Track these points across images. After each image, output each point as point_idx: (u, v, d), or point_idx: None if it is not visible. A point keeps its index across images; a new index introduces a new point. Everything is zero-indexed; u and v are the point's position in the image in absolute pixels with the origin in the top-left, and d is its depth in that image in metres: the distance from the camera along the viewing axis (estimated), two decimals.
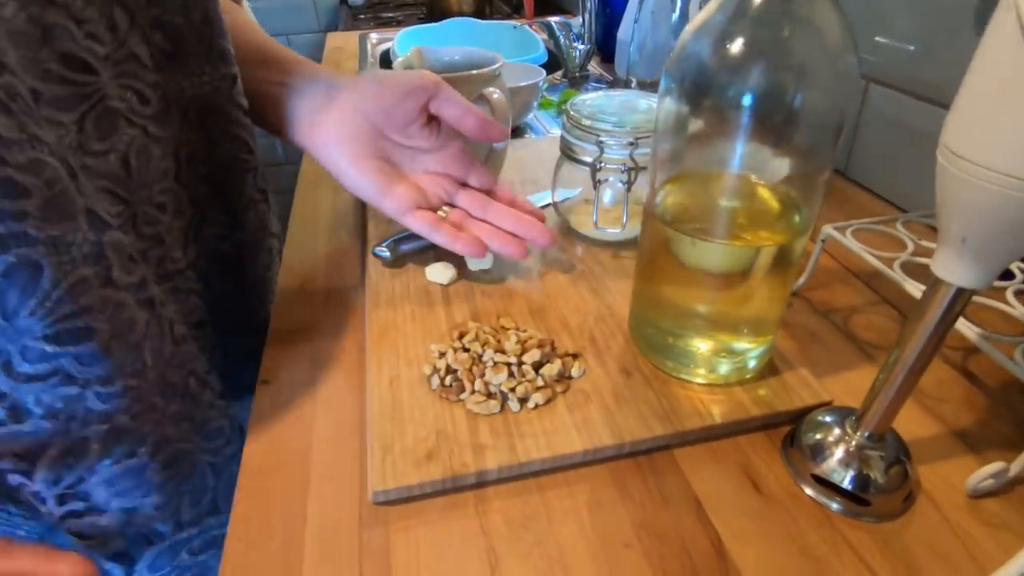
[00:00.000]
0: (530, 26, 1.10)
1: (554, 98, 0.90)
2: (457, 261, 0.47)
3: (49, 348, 0.28)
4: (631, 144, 0.44)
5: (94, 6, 0.30)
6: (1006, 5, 0.18)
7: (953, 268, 0.24)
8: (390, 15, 1.60)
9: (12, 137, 0.25)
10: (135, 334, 0.31)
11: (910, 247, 0.42)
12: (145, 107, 0.34)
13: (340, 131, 0.42)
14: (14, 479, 0.31)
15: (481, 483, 0.32)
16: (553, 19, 1.15)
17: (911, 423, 0.36)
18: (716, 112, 0.32)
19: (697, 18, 0.30)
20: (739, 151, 0.31)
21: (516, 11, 1.52)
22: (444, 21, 1.08)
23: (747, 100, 0.29)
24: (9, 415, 0.29)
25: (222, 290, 0.43)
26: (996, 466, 0.31)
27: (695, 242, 0.33)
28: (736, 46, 0.29)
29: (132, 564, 0.37)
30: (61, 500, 0.32)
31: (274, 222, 0.50)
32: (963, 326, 0.35)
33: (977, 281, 0.24)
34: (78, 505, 0.32)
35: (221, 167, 0.42)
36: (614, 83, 0.96)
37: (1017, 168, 0.20)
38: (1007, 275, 0.41)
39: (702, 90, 0.31)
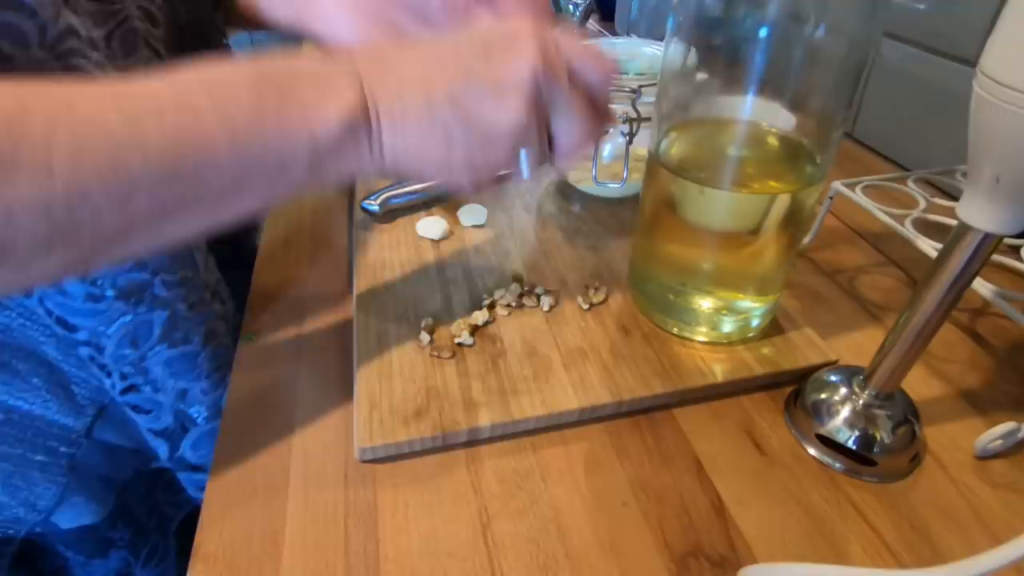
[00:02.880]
0: None
1: None
2: (449, 216, 0.45)
3: None
4: (633, 92, 0.41)
5: None
6: None
7: (983, 212, 0.22)
8: None
9: (84, 35, 0.27)
10: None
11: (922, 204, 0.40)
12: (156, 29, 0.34)
13: None
14: (84, 351, 0.33)
15: (473, 441, 0.31)
16: None
17: (917, 384, 0.34)
18: (728, 52, 0.29)
19: None
20: (752, 95, 0.29)
21: None
22: None
23: (764, 32, 0.26)
24: (87, 296, 0.31)
25: None
26: (1007, 427, 0.30)
27: (703, 191, 0.31)
28: None
29: (177, 443, 0.38)
30: (123, 376, 0.35)
31: None
32: (977, 283, 0.34)
33: (1008, 226, 0.22)
34: (138, 379, 0.35)
35: None
36: None
37: None
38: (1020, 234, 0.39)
39: (714, 26, 0.29)
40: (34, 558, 0.38)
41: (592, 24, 1.01)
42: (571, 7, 0.97)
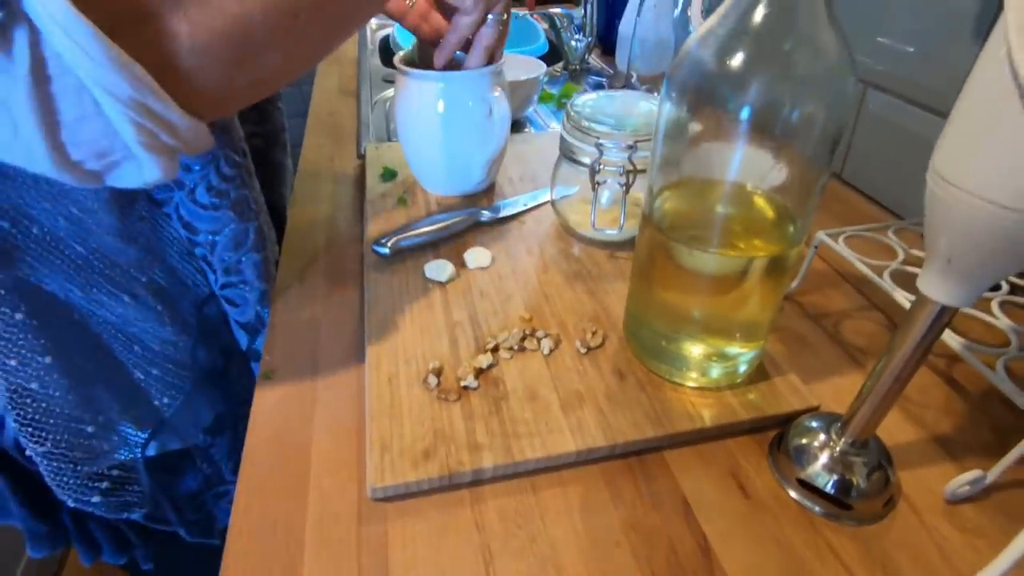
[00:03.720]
0: (531, 16, 1.09)
1: (554, 91, 0.90)
2: (456, 259, 0.48)
3: (238, 158, 0.43)
4: (630, 147, 0.44)
5: None
6: (996, 43, 0.19)
7: (938, 286, 0.25)
8: None
9: None
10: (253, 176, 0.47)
11: (900, 255, 0.43)
12: None
13: None
14: (199, 251, 0.44)
15: (477, 481, 0.33)
16: (554, 10, 1.14)
17: (893, 428, 0.37)
18: (716, 120, 0.32)
19: (702, 27, 0.31)
20: (737, 160, 0.31)
21: (518, 0, 1.51)
22: None
23: (745, 113, 0.29)
24: (210, 205, 0.42)
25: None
26: (973, 474, 0.32)
27: (692, 253, 0.34)
28: (738, 58, 0.29)
29: (254, 338, 0.49)
30: (226, 271, 0.45)
31: (283, 117, 0.60)
32: (947, 336, 0.36)
33: (961, 300, 0.25)
34: (234, 278, 0.45)
35: None
36: (615, 77, 0.96)
37: (1001, 195, 0.21)
38: (993, 286, 0.41)
39: (703, 98, 0.32)
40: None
41: (594, 59, 1.04)
42: (573, 43, 1.00)
